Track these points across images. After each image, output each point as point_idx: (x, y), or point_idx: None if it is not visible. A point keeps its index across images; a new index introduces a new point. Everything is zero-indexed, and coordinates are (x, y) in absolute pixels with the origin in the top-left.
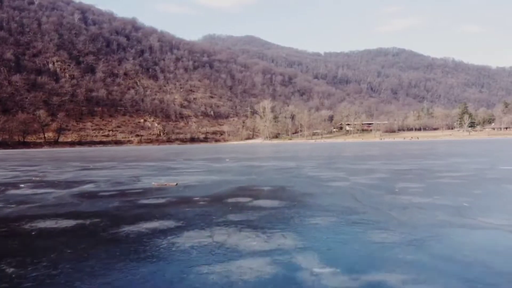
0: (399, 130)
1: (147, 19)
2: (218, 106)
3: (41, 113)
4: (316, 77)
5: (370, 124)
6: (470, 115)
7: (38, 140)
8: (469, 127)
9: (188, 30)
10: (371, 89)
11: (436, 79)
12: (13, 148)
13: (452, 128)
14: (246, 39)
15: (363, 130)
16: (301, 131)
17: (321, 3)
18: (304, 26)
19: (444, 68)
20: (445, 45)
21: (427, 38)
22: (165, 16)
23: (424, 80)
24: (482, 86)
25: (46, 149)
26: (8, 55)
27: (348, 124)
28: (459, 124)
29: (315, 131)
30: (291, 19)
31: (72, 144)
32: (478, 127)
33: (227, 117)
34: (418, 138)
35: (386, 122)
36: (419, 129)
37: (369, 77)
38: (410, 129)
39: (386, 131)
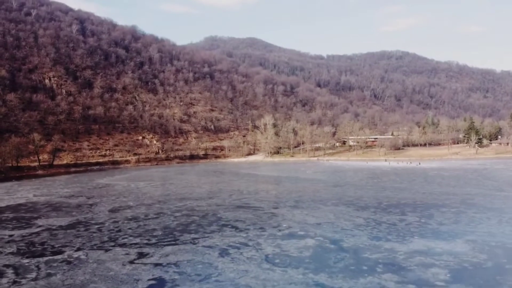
0: (404, 145)
1: (148, 22)
2: (218, 120)
3: (35, 136)
4: (318, 84)
5: (374, 139)
6: (477, 131)
7: (32, 164)
8: (476, 143)
9: (190, 32)
10: (375, 96)
11: (440, 84)
12: (6, 174)
13: (458, 143)
14: (248, 41)
15: (367, 146)
16: (303, 143)
17: (323, 3)
18: (306, 26)
19: (448, 72)
20: (448, 46)
21: (430, 38)
22: (166, 16)
23: (428, 86)
24: (486, 91)
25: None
26: (3, 72)
27: (352, 139)
28: (466, 140)
29: (317, 146)
30: (293, 19)
31: (67, 167)
32: (484, 141)
33: (227, 131)
34: (419, 163)
35: (391, 137)
36: (424, 145)
37: (373, 83)
38: (415, 145)
39: (391, 148)
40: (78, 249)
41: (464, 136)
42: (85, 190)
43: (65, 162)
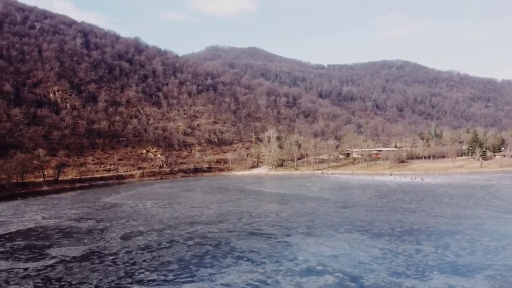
0: (408, 158)
1: (149, 30)
2: (222, 132)
3: (40, 151)
4: (320, 94)
5: (378, 151)
6: (481, 144)
7: (37, 180)
8: (480, 155)
9: (191, 41)
10: (376, 106)
11: (442, 94)
12: (11, 191)
13: (461, 155)
14: (249, 50)
15: (371, 159)
16: (307, 155)
17: (323, 12)
18: (306, 35)
19: (449, 81)
20: (449, 54)
21: (431, 46)
22: (167, 24)
23: (429, 95)
24: (488, 100)
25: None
26: (8, 87)
27: (356, 151)
28: (470, 152)
29: (321, 158)
30: (293, 28)
31: (72, 182)
32: (488, 153)
33: (231, 143)
34: (422, 179)
35: (395, 149)
36: (428, 157)
37: (374, 94)
38: (418, 157)
39: (395, 161)
40: (96, 287)
41: (468, 149)
42: (93, 211)
43: (70, 177)
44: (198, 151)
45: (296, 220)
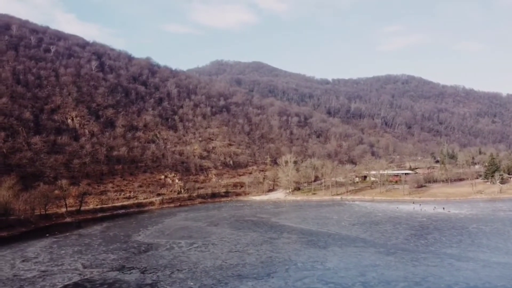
0: (425, 181)
1: (152, 44)
2: (237, 155)
3: (63, 182)
4: (329, 111)
5: (396, 175)
6: (497, 167)
7: (59, 211)
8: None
9: (193, 54)
10: (385, 123)
11: (448, 109)
12: (36, 225)
13: (476, 177)
14: (254, 65)
15: (389, 182)
16: (323, 176)
17: (321, 23)
18: (307, 47)
19: (455, 96)
20: (450, 66)
21: (430, 58)
22: (169, 37)
23: (436, 111)
24: (494, 115)
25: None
26: (28, 114)
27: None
28: (486, 176)
29: (338, 180)
30: (294, 40)
31: (94, 212)
32: (504, 175)
33: (246, 166)
34: (444, 208)
35: (411, 172)
36: (446, 181)
37: (382, 111)
38: (435, 181)
39: (413, 185)
40: None
41: (486, 173)
42: (131, 255)
43: (91, 206)
44: (215, 175)
45: (348, 275)
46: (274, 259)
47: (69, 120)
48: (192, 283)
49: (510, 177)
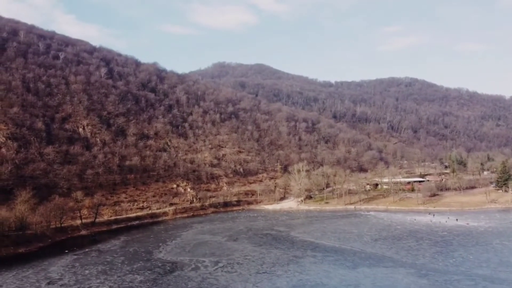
0: (438, 190)
1: (153, 45)
2: (247, 162)
3: (78, 194)
4: (334, 115)
5: (408, 183)
6: (510, 176)
7: (74, 223)
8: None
9: (194, 55)
10: (392, 127)
11: (453, 113)
12: (52, 239)
13: (487, 184)
14: (256, 67)
15: (402, 190)
16: (334, 183)
17: (324, 25)
18: (308, 48)
19: (459, 100)
20: (451, 67)
21: (430, 58)
22: (169, 38)
23: (441, 115)
24: (498, 118)
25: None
26: (39, 124)
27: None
28: (498, 184)
29: (350, 188)
30: (295, 40)
31: (108, 224)
32: None
33: (256, 173)
34: (460, 220)
35: (423, 180)
36: (458, 189)
37: (388, 115)
38: (448, 189)
39: (427, 194)
40: None
41: (498, 180)
42: (158, 276)
43: (105, 218)
44: (226, 183)
45: None
46: (305, 282)
47: (81, 129)
48: None
49: None
